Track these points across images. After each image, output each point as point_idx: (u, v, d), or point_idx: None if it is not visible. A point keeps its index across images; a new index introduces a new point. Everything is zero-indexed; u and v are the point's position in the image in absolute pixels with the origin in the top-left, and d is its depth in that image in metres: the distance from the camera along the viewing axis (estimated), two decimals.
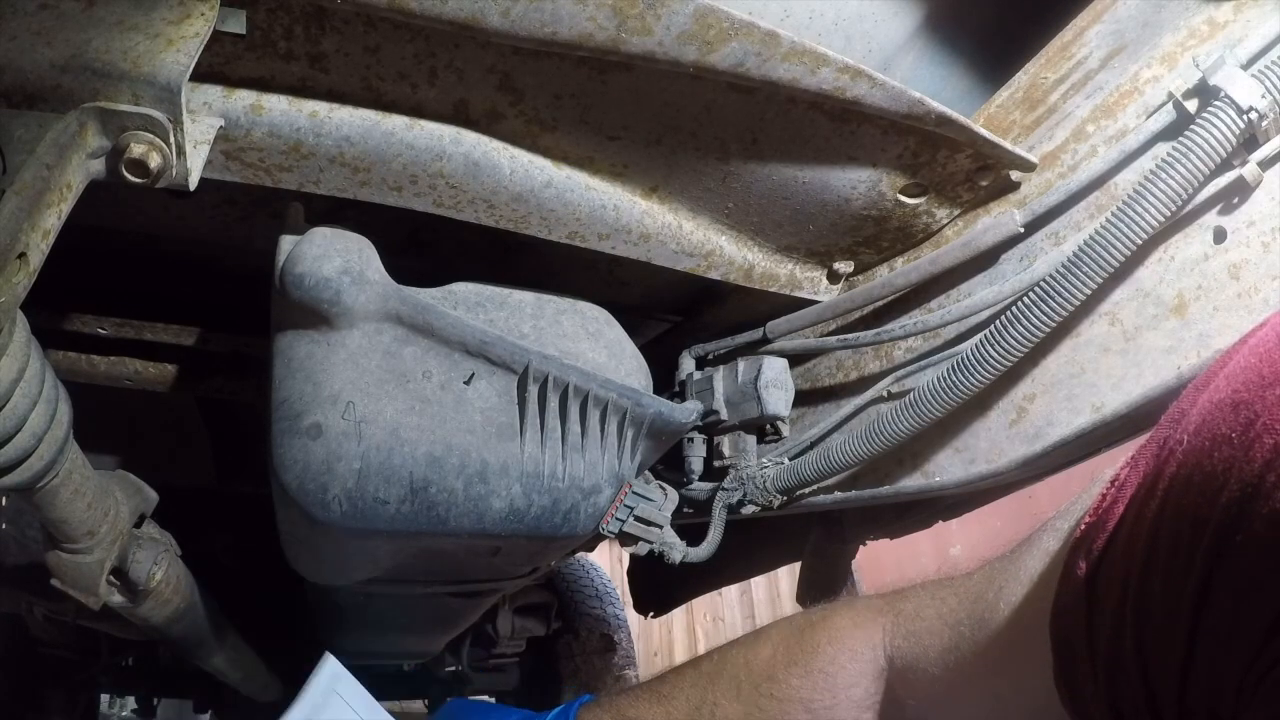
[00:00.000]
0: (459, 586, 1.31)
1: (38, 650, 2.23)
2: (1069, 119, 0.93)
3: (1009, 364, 0.87)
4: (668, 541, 1.10)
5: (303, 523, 0.91)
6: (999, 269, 0.97)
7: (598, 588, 2.94)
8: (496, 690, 3.01)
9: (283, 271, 0.85)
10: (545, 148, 0.90)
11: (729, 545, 1.20)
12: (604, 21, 0.73)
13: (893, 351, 1.08)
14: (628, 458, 1.01)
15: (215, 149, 0.78)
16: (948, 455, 1.00)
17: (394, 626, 1.73)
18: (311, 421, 0.86)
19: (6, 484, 0.71)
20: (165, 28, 0.64)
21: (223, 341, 1.21)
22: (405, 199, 0.88)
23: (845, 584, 1.72)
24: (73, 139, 0.60)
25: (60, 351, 1.15)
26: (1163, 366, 0.82)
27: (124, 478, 1.06)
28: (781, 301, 1.14)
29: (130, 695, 2.98)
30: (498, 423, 0.94)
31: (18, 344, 0.63)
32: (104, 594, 1.00)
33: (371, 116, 0.82)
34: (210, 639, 1.49)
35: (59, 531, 0.90)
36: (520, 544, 1.01)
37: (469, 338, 0.92)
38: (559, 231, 0.95)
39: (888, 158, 0.94)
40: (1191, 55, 0.82)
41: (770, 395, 1.14)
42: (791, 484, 1.12)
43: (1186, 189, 0.76)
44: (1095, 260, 0.80)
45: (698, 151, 0.93)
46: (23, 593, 1.54)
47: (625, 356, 1.05)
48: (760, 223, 1.04)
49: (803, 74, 0.81)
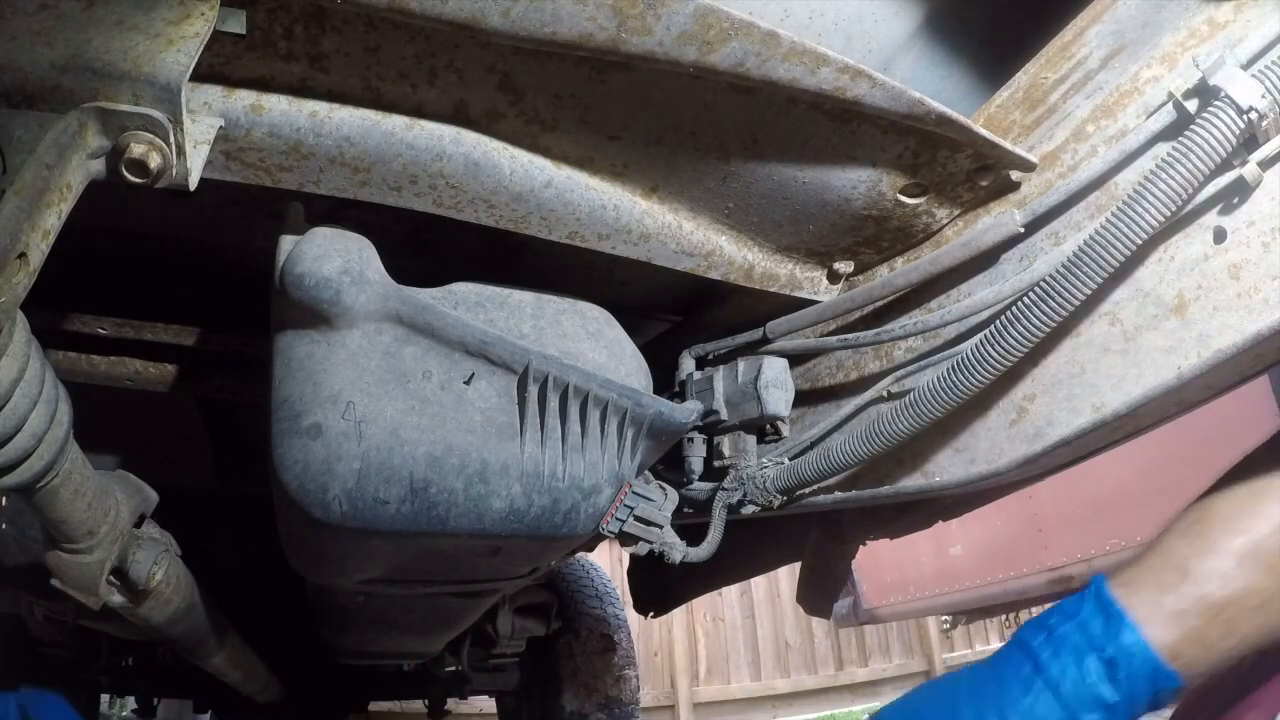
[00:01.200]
0: (459, 586, 1.31)
1: (38, 650, 2.23)
2: (1069, 119, 0.93)
3: (1009, 364, 0.87)
4: (668, 541, 1.10)
5: (303, 523, 0.91)
6: (999, 269, 0.97)
7: (598, 588, 2.94)
8: (496, 690, 3.01)
9: (283, 271, 0.85)
10: (545, 148, 0.90)
11: (729, 545, 1.20)
12: (604, 21, 0.73)
13: (893, 351, 1.08)
14: (628, 458, 1.01)
15: (215, 149, 0.78)
16: (948, 455, 1.00)
17: (394, 626, 1.73)
18: (311, 421, 0.86)
19: (6, 484, 0.71)
20: (165, 28, 0.64)
21: (223, 341, 1.21)
22: (405, 199, 0.88)
23: (845, 584, 1.72)
24: (73, 139, 0.60)
25: (60, 351, 1.15)
26: (1163, 366, 0.82)
27: (124, 478, 1.07)
28: (781, 301, 1.14)
29: (130, 695, 2.98)
30: (498, 423, 0.94)
31: (18, 344, 0.64)
32: (104, 594, 1.00)
33: (371, 116, 0.82)
34: (210, 639, 1.50)
35: (59, 531, 0.90)
36: (520, 544, 1.01)
37: (469, 338, 0.92)
38: (559, 231, 0.95)
39: (888, 158, 0.94)
40: (1191, 55, 0.82)
41: (770, 395, 1.14)
42: (791, 484, 1.12)
43: (1186, 189, 0.76)
44: (1095, 260, 0.80)
45: (698, 151, 0.93)
46: (23, 593, 1.53)
47: (625, 356, 1.05)
48: (760, 223, 1.04)
49: (803, 74, 0.81)
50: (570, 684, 2.71)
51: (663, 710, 7.11)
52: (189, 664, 1.76)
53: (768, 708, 7.54)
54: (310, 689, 2.57)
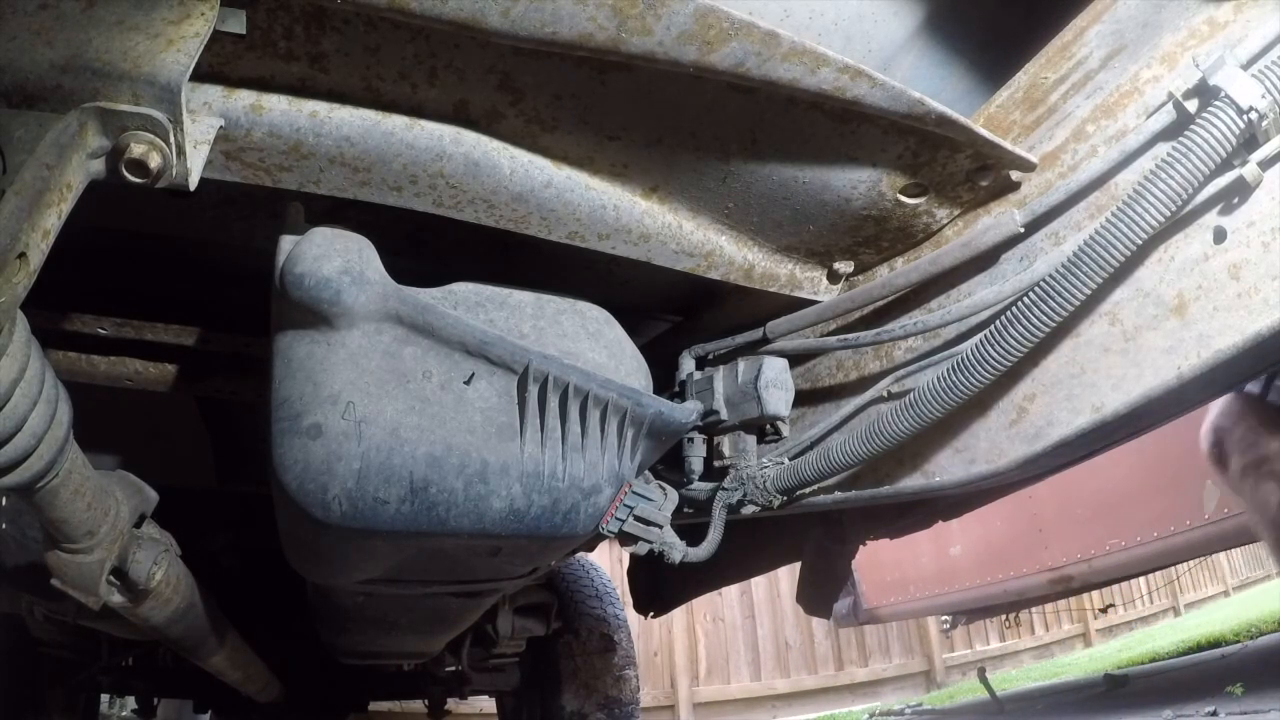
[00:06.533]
0: (459, 586, 1.31)
1: (38, 650, 2.23)
2: (1069, 119, 0.93)
3: (1009, 364, 0.87)
4: (668, 541, 1.10)
5: (303, 522, 0.91)
6: (999, 269, 0.97)
7: (598, 588, 2.94)
8: (496, 690, 3.01)
9: (283, 271, 0.85)
10: (545, 148, 0.90)
11: (729, 545, 1.20)
12: (604, 21, 0.73)
13: (893, 351, 1.08)
14: (628, 458, 1.01)
15: (215, 149, 0.78)
16: (948, 455, 1.00)
17: (394, 626, 1.73)
18: (311, 421, 0.86)
19: (6, 484, 0.71)
20: (165, 28, 0.64)
21: (223, 341, 1.21)
22: (405, 199, 0.88)
23: (845, 584, 1.72)
24: (73, 139, 0.60)
25: (60, 351, 1.15)
26: (1163, 366, 0.82)
27: (124, 478, 1.06)
28: (781, 301, 1.14)
29: (130, 695, 2.98)
30: (498, 423, 0.94)
31: (18, 344, 0.64)
32: (104, 594, 1.00)
33: (371, 116, 0.82)
34: (210, 639, 1.50)
35: (59, 531, 0.90)
36: (520, 544, 1.01)
37: (469, 338, 0.92)
38: (559, 231, 0.95)
39: (888, 158, 0.94)
40: (1191, 55, 0.82)
41: (770, 395, 1.14)
42: (791, 484, 1.12)
43: (1186, 189, 0.76)
44: (1095, 260, 0.80)
45: (698, 151, 0.93)
46: (23, 593, 1.54)
47: (625, 356, 1.05)
48: (760, 223, 1.04)
49: (803, 74, 0.81)
50: (570, 684, 2.71)
51: (663, 710, 7.11)
52: (189, 664, 1.76)
53: (768, 708, 7.54)
54: (310, 689, 2.57)
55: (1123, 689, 4.18)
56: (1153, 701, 3.36)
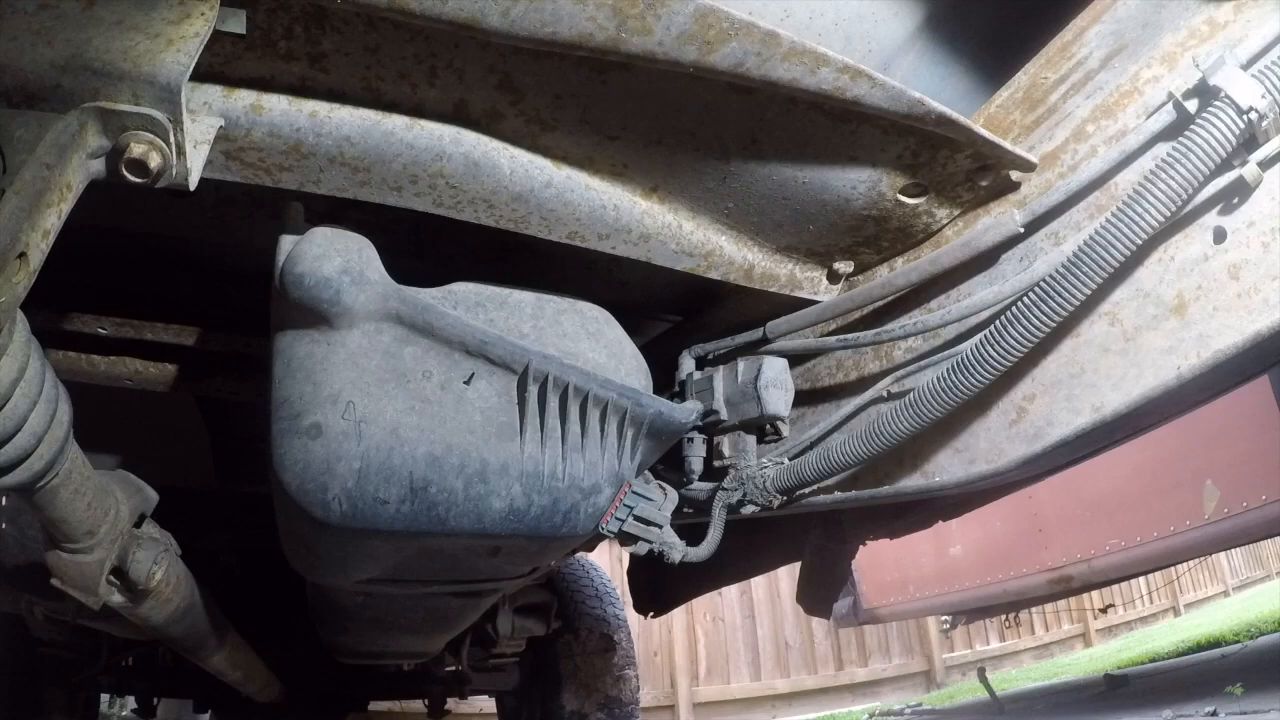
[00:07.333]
0: (459, 586, 1.31)
1: (38, 650, 2.23)
2: (1069, 119, 0.93)
3: (1009, 364, 0.87)
4: (667, 541, 1.10)
5: (303, 522, 0.91)
6: (999, 269, 0.97)
7: (598, 588, 2.94)
8: (496, 690, 3.01)
9: (283, 271, 0.85)
10: (545, 148, 0.90)
11: (729, 545, 1.20)
12: (604, 21, 0.73)
13: (893, 351, 1.08)
14: (628, 458, 1.01)
15: (215, 149, 0.78)
16: (948, 455, 1.00)
17: (394, 626, 1.73)
18: (311, 421, 0.86)
19: (6, 484, 0.71)
20: (165, 28, 0.64)
21: (223, 341, 1.21)
22: (405, 199, 0.88)
23: (845, 584, 1.72)
24: (73, 139, 0.60)
25: (60, 351, 1.15)
26: (1163, 366, 0.82)
27: (124, 478, 1.06)
28: (781, 301, 1.14)
29: (130, 695, 2.98)
30: (498, 423, 0.94)
31: (18, 344, 0.64)
32: (104, 594, 1.00)
33: (371, 116, 0.82)
34: (210, 639, 1.50)
35: (59, 531, 0.90)
36: (520, 544, 1.01)
37: (469, 338, 0.92)
38: (559, 231, 0.95)
39: (888, 158, 0.94)
40: (1191, 55, 0.82)
41: (770, 395, 1.14)
42: (791, 484, 1.12)
43: (1186, 189, 0.76)
44: (1095, 260, 0.80)
45: (698, 151, 0.93)
46: (23, 593, 1.54)
47: (625, 356, 1.05)
48: (760, 223, 1.04)
49: (803, 74, 0.81)
50: (570, 684, 2.71)
51: (663, 710, 7.11)
52: (189, 664, 1.76)
53: (767, 708, 7.54)
54: (310, 689, 2.57)
55: (1123, 689, 4.18)
56: (1153, 701, 3.37)
